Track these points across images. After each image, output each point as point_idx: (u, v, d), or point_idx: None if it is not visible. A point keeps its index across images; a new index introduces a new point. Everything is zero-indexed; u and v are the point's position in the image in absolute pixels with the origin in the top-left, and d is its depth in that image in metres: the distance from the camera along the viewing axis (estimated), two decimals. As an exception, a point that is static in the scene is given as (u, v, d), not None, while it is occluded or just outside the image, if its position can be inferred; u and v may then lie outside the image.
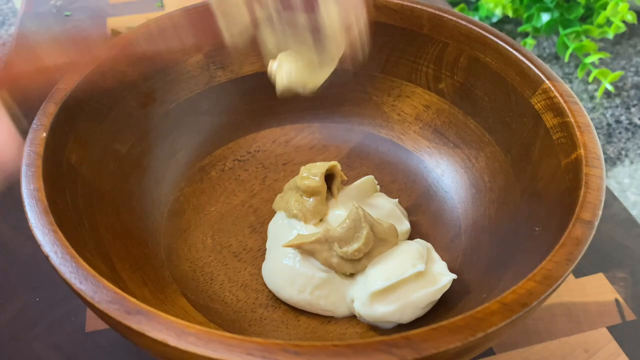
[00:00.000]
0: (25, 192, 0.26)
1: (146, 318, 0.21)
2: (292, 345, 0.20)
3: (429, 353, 0.20)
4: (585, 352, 0.32)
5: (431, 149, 0.39)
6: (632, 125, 0.50)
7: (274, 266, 0.33)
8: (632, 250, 0.38)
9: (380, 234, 0.32)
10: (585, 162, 0.27)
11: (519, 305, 0.22)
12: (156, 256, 0.33)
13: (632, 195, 0.44)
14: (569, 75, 0.55)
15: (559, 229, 0.26)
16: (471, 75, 0.36)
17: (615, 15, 0.53)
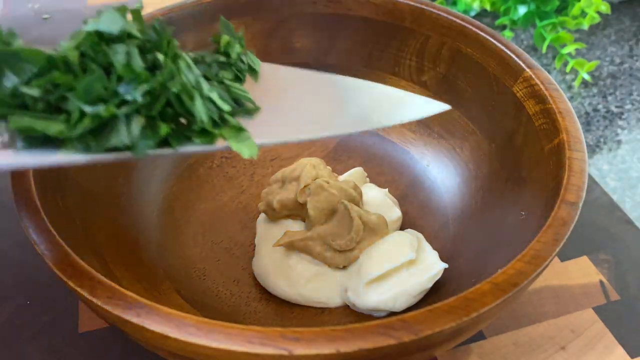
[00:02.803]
0: (17, 192, 0.26)
1: (145, 312, 0.21)
2: (291, 331, 0.20)
3: (425, 334, 0.20)
4: (572, 332, 0.33)
5: (416, 140, 0.39)
6: (609, 113, 0.51)
7: (264, 262, 0.33)
8: (614, 233, 0.39)
9: (370, 224, 0.32)
10: (567, 146, 0.28)
11: (509, 285, 0.22)
12: (148, 254, 0.33)
13: (611, 181, 0.45)
14: (546, 66, 0.56)
15: (545, 212, 0.27)
16: (453, 67, 0.37)
17: (590, 7, 0.54)
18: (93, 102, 0.20)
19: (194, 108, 0.22)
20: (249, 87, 0.27)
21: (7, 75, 0.21)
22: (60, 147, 0.20)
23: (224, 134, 0.23)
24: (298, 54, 0.40)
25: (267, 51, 0.40)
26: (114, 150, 0.21)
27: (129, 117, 0.21)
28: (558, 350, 0.32)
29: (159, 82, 0.21)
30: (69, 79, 0.21)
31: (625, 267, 0.37)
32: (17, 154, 0.20)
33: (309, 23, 0.40)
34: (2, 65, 0.21)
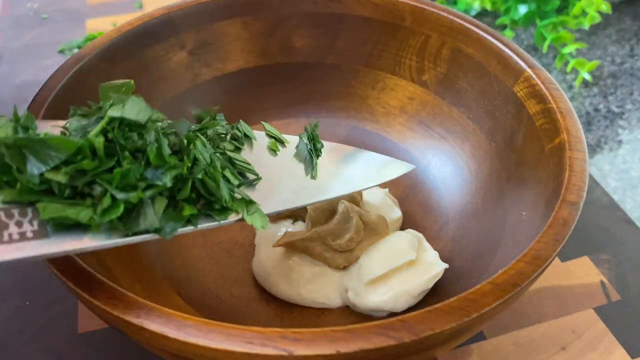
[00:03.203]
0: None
1: (145, 312, 0.21)
2: (291, 332, 0.20)
3: (425, 334, 0.20)
4: (573, 332, 0.33)
5: (417, 140, 0.39)
6: (610, 113, 0.51)
7: (264, 263, 0.33)
8: (615, 234, 0.39)
9: (370, 224, 0.32)
10: (568, 146, 0.28)
11: (510, 285, 0.22)
12: (147, 255, 0.33)
13: (612, 181, 0.45)
14: (547, 66, 0.56)
15: (546, 212, 0.27)
16: (454, 66, 0.37)
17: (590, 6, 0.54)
18: (125, 189, 0.21)
19: (218, 192, 0.23)
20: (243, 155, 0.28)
21: (31, 161, 0.21)
22: (87, 230, 0.21)
23: (237, 208, 0.24)
24: (298, 53, 0.40)
25: (266, 51, 0.40)
26: (141, 234, 0.22)
27: (153, 201, 0.22)
28: (559, 350, 0.32)
29: (186, 168, 0.22)
30: (96, 165, 0.21)
31: (626, 267, 0.37)
32: (49, 243, 0.20)
33: (309, 22, 0.40)
34: (25, 152, 0.21)
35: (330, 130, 0.41)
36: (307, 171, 0.29)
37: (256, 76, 0.40)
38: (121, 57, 0.35)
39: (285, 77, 0.41)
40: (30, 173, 0.21)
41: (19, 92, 0.50)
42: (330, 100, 0.42)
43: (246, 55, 0.40)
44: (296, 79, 0.41)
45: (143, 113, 0.23)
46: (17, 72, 0.52)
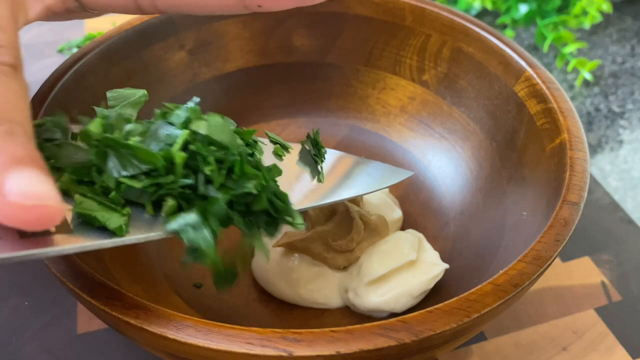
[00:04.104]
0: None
1: (144, 313, 0.21)
2: (291, 332, 0.20)
3: (425, 335, 0.20)
4: (574, 333, 0.33)
5: (417, 140, 0.39)
6: (611, 113, 0.51)
7: (263, 263, 0.33)
8: (615, 234, 0.38)
9: (371, 225, 0.32)
10: (569, 146, 0.28)
11: (511, 285, 0.22)
12: (146, 255, 0.33)
13: (613, 181, 0.45)
14: (548, 66, 0.56)
15: (546, 212, 0.27)
16: (454, 66, 0.37)
17: (591, 6, 0.54)
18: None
19: (285, 206, 0.23)
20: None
21: (112, 164, 0.21)
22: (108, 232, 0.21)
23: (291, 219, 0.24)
24: (298, 53, 0.40)
25: (266, 50, 0.40)
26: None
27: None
28: (560, 351, 0.32)
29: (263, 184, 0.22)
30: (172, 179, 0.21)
31: (627, 267, 0.36)
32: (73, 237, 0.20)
33: (309, 22, 0.39)
34: (109, 152, 0.21)
35: (330, 130, 0.41)
36: (312, 175, 0.30)
37: (256, 76, 0.40)
38: (121, 57, 0.35)
39: (285, 76, 0.41)
40: (109, 174, 0.21)
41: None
42: (330, 100, 0.41)
43: (246, 55, 0.40)
44: (296, 78, 0.41)
45: (227, 134, 0.23)
46: (16, 72, 0.52)
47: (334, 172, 0.31)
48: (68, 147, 0.21)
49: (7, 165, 0.17)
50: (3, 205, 0.16)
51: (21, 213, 0.16)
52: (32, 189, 0.17)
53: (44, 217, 0.17)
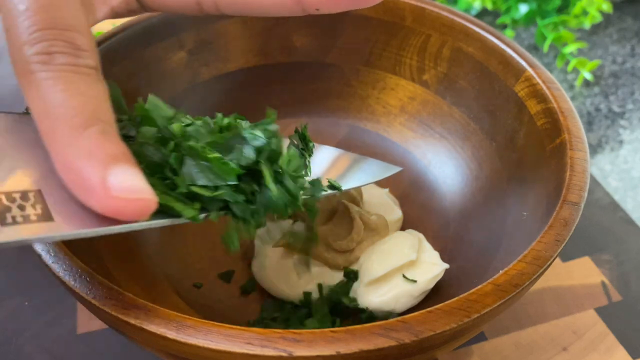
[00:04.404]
0: (14, 192, 0.25)
1: (144, 312, 0.21)
2: (291, 332, 0.20)
3: (425, 335, 0.20)
4: (574, 333, 0.33)
5: (417, 140, 0.39)
6: (611, 113, 0.51)
7: (264, 263, 0.33)
8: (616, 234, 0.38)
9: (371, 225, 0.32)
10: (569, 146, 0.28)
11: (511, 285, 0.22)
12: (147, 255, 0.33)
13: (613, 181, 0.45)
14: (548, 66, 0.56)
15: (547, 212, 0.26)
16: (454, 66, 0.37)
17: (591, 6, 0.54)
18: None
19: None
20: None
21: (188, 170, 0.22)
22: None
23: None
24: (298, 53, 0.40)
25: (266, 50, 0.40)
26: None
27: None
28: (560, 351, 0.32)
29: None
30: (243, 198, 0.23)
31: (627, 267, 0.36)
32: (56, 226, 0.20)
33: (309, 21, 0.39)
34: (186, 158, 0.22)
35: (330, 130, 0.41)
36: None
37: (256, 75, 0.40)
38: (121, 57, 0.35)
39: (285, 76, 0.41)
40: (183, 178, 0.22)
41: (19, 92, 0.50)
42: (330, 100, 0.41)
43: (246, 55, 0.40)
44: (296, 78, 0.41)
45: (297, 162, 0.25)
46: (16, 72, 0.52)
47: (322, 166, 0.31)
48: (146, 146, 0.22)
49: (107, 162, 0.18)
50: (107, 199, 0.18)
51: (123, 205, 0.18)
52: (131, 184, 0.19)
53: (142, 209, 0.19)
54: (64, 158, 0.18)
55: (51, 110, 0.19)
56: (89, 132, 0.19)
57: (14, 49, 0.20)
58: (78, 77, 0.20)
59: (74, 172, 0.18)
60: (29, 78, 0.19)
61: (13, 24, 0.20)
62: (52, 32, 0.20)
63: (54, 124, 0.19)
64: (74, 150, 0.18)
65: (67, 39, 0.20)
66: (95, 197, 0.18)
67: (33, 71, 0.19)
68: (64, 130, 0.19)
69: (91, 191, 0.18)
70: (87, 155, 0.18)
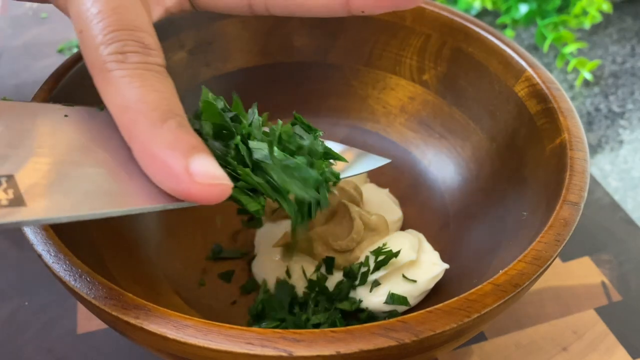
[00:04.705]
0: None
1: (144, 312, 0.21)
2: (291, 332, 0.20)
3: (425, 335, 0.20)
4: (574, 333, 0.33)
5: (417, 140, 0.39)
6: (611, 113, 0.51)
7: (264, 263, 0.33)
8: (616, 234, 0.38)
9: (371, 225, 0.32)
10: (569, 146, 0.28)
11: (511, 285, 0.22)
12: (147, 255, 0.33)
13: (613, 181, 0.45)
14: (548, 66, 0.56)
15: (547, 212, 0.26)
16: (454, 66, 0.37)
17: (591, 6, 0.54)
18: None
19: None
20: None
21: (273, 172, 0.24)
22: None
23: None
24: (298, 53, 0.40)
25: (266, 50, 0.40)
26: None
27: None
28: (560, 351, 0.32)
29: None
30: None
31: (627, 267, 0.36)
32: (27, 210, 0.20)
33: (309, 22, 0.39)
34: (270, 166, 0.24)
35: (330, 130, 0.41)
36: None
37: (256, 76, 0.40)
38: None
39: (285, 76, 0.41)
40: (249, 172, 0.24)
41: (18, 92, 0.50)
42: (330, 100, 0.41)
43: (246, 55, 0.40)
44: (296, 78, 0.41)
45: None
46: (16, 72, 0.52)
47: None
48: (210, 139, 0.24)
49: (187, 152, 0.20)
50: (191, 185, 0.20)
51: (205, 190, 0.20)
52: (211, 171, 0.20)
53: (220, 193, 0.20)
54: (148, 149, 0.20)
55: (131, 106, 0.20)
56: (168, 124, 0.20)
57: (89, 50, 0.21)
58: (150, 74, 0.21)
59: (158, 161, 0.20)
60: (105, 76, 0.21)
61: (87, 27, 0.21)
62: (125, 33, 0.21)
63: (134, 118, 0.20)
64: (157, 142, 0.20)
65: (137, 39, 0.21)
66: (181, 184, 0.20)
67: (109, 69, 0.20)
68: (145, 123, 0.20)
69: (176, 178, 0.20)
70: (169, 146, 0.20)
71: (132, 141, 0.20)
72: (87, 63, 0.21)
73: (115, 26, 0.21)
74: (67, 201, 0.20)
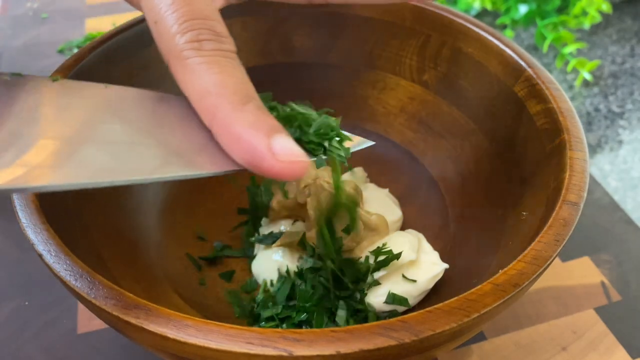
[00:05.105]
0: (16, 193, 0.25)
1: (144, 312, 0.21)
2: (291, 332, 0.20)
3: (425, 335, 0.20)
4: (573, 333, 0.33)
5: (417, 140, 0.39)
6: (610, 113, 0.51)
7: (263, 263, 0.33)
8: (615, 234, 0.38)
9: (371, 225, 0.32)
10: (569, 146, 0.28)
11: (510, 285, 0.22)
12: (147, 255, 0.33)
13: (613, 181, 0.45)
14: (547, 66, 0.56)
15: (546, 212, 0.27)
16: (454, 66, 0.37)
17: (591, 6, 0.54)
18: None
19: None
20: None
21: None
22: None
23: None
24: (298, 53, 0.40)
25: (266, 51, 0.40)
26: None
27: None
28: (559, 351, 0.32)
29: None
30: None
31: (627, 267, 0.37)
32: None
33: (309, 22, 0.39)
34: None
35: (331, 130, 0.41)
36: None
37: (256, 76, 0.40)
38: (121, 57, 0.35)
39: (285, 76, 0.41)
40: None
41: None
42: (330, 100, 0.41)
43: (246, 55, 0.40)
44: (296, 78, 0.41)
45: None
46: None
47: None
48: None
49: (269, 132, 0.21)
50: (274, 162, 0.21)
51: (287, 167, 0.21)
52: (292, 149, 0.21)
53: (300, 169, 0.21)
54: (232, 131, 0.21)
55: (211, 91, 0.21)
56: (248, 107, 0.21)
57: (165, 39, 0.22)
58: (225, 60, 0.22)
59: (243, 142, 0.21)
60: (183, 64, 0.21)
61: (162, 17, 0.22)
62: (198, 22, 0.22)
63: (216, 102, 0.21)
64: (240, 124, 0.21)
65: (210, 27, 0.22)
66: (264, 162, 0.21)
67: (187, 57, 0.21)
68: (227, 107, 0.21)
69: (260, 157, 0.21)
70: (252, 127, 0.21)
71: (215, 124, 0.21)
72: (163, 52, 0.22)
73: (188, 16, 0.22)
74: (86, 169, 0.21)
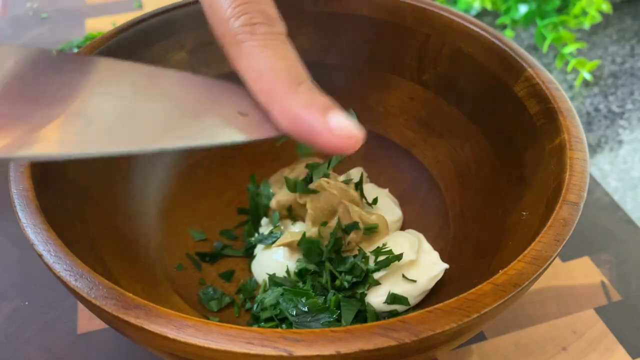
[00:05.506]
0: (15, 192, 0.25)
1: (144, 312, 0.21)
2: (291, 332, 0.20)
3: (425, 335, 0.20)
4: (573, 333, 0.33)
5: (417, 140, 0.39)
6: (610, 113, 0.51)
7: (264, 263, 0.33)
8: (615, 234, 0.38)
9: (371, 225, 0.32)
10: (569, 146, 0.28)
11: (510, 285, 0.22)
12: (147, 255, 0.33)
13: (613, 181, 0.45)
14: (547, 66, 0.56)
15: (546, 212, 0.27)
16: (454, 66, 0.37)
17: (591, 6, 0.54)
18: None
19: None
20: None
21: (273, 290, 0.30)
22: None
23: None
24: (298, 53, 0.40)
25: (267, 50, 0.40)
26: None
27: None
28: (559, 351, 0.32)
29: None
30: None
31: (627, 267, 0.37)
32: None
33: (308, 22, 0.39)
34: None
35: (331, 130, 0.41)
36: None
37: (256, 76, 0.40)
38: (121, 57, 0.35)
39: (285, 76, 0.41)
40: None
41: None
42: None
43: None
44: (296, 78, 0.41)
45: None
46: (16, 72, 0.52)
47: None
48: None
49: (323, 110, 0.22)
50: (331, 137, 0.22)
51: (343, 142, 0.22)
52: (347, 125, 0.22)
53: (356, 144, 0.22)
54: (289, 110, 0.22)
55: (266, 73, 0.22)
56: (302, 87, 0.22)
57: (220, 23, 0.23)
58: (277, 43, 0.23)
59: (300, 120, 0.22)
60: (238, 47, 0.22)
61: (216, 1, 0.23)
62: (250, 6, 0.23)
63: (271, 84, 0.22)
64: (296, 104, 0.22)
65: (261, 11, 0.23)
66: (322, 138, 0.22)
67: (242, 41, 0.22)
68: (282, 89, 0.22)
69: (317, 133, 0.22)
70: (307, 106, 0.22)
71: (271, 104, 0.22)
72: (218, 35, 0.23)
73: (241, 0, 0.23)
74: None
